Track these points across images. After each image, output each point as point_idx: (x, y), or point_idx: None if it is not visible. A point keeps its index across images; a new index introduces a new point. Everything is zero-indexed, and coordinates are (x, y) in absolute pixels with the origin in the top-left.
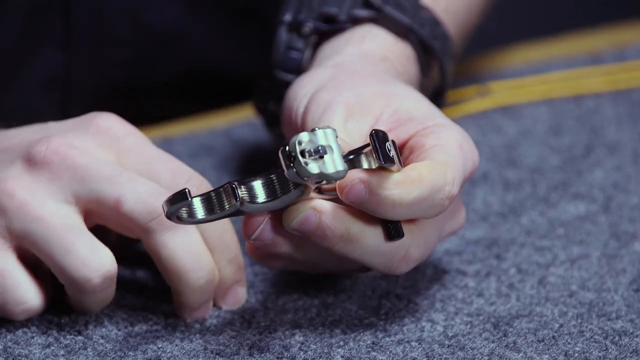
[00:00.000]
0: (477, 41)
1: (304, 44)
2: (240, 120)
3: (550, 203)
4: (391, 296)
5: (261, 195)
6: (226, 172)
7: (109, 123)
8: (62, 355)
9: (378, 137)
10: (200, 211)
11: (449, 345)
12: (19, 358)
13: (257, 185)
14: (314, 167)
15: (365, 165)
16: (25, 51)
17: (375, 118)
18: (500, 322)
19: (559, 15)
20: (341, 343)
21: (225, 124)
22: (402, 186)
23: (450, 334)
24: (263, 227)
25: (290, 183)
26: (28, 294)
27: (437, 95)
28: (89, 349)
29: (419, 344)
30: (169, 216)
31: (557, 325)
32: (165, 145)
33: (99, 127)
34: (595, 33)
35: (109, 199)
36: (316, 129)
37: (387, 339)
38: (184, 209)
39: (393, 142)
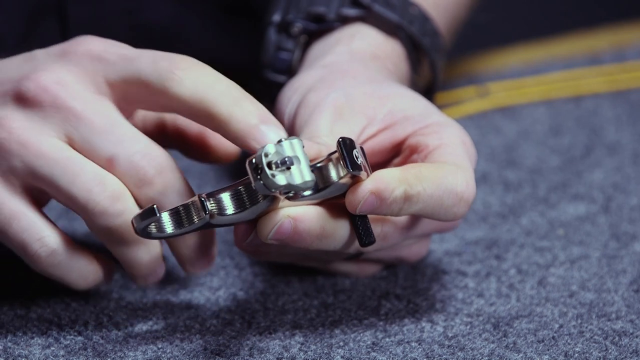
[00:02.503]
0: (476, 41)
1: (294, 44)
2: None
3: (550, 204)
4: (391, 297)
5: (230, 208)
6: (225, 172)
7: (90, 45)
8: (62, 355)
9: (345, 145)
10: (169, 226)
11: (449, 346)
12: (19, 358)
13: (226, 197)
14: (281, 179)
15: (333, 173)
16: (22, 53)
17: (368, 118)
18: (500, 322)
19: (558, 15)
20: (341, 343)
21: None
22: (405, 182)
23: (450, 335)
24: (253, 235)
25: (258, 194)
26: (45, 231)
27: (428, 92)
28: (88, 350)
29: (418, 344)
30: (139, 232)
31: (557, 326)
32: None
33: (79, 52)
34: (594, 33)
35: (102, 155)
36: (282, 140)
37: (387, 339)
38: (153, 224)
39: (361, 148)
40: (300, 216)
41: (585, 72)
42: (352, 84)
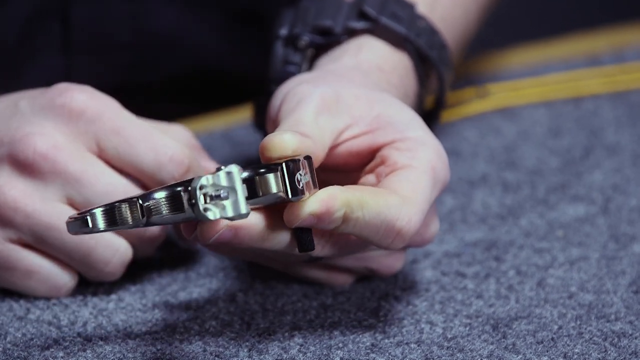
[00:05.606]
0: (475, 43)
1: (301, 58)
2: (238, 122)
3: (549, 205)
4: (390, 298)
5: (165, 209)
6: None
7: (82, 103)
8: (61, 357)
9: (289, 170)
10: (101, 222)
11: (448, 347)
12: None
13: (162, 197)
14: (214, 213)
15: (274, 187)
16: (24, 57)
17: (353, 119)
18: (499, 323)
19: (557, 16)
20: (340, 345)
21: (224, 126)
22: (347, 205)
23: (449, 336)
24: (195, 236)
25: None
26: (62, 279)
27: (435, 105)
28: (88, 351)
29: (418, 345)
30: (70, 232)
31: (556, 327)
32: None
33: (73, 111)
34: (593, 34)
35: None
36: (222, 168)
37: (386, 340)
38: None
39: (308, 158)
40: (240, 225)
41: (584, 73)
42: (345, 85)
